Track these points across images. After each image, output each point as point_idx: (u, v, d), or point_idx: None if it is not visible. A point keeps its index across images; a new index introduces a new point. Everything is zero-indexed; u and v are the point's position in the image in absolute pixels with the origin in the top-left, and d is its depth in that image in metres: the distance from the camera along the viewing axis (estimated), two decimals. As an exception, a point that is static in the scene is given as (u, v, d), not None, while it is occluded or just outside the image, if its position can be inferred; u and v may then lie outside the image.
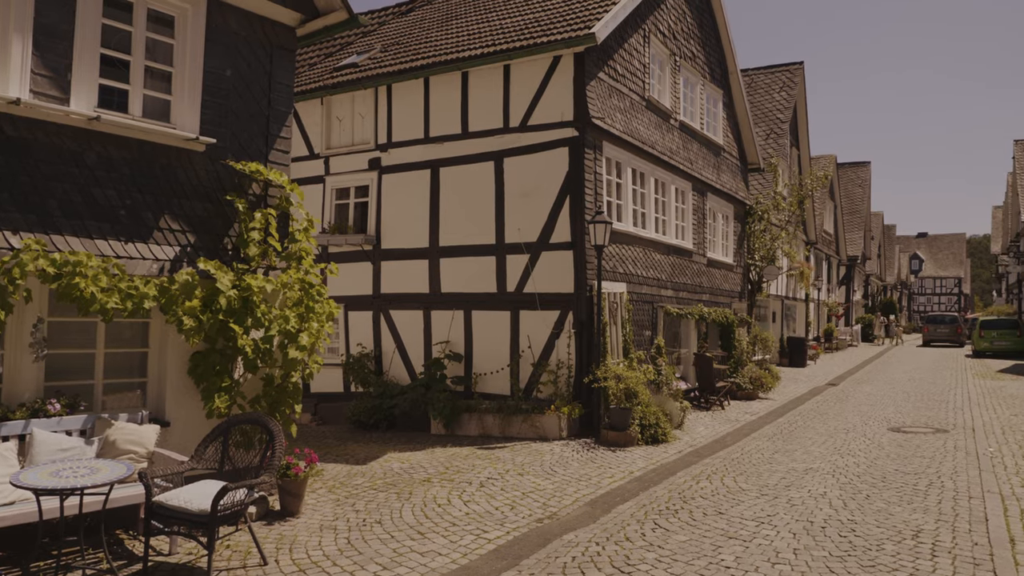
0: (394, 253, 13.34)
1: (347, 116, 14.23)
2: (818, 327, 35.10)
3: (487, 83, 12.46)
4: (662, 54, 14.81)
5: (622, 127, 12.83)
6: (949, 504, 7.43)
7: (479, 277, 12.39)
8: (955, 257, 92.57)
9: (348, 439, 11.51)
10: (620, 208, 13.04)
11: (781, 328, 27.78)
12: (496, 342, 12.22)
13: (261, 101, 7.87)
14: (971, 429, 12.01)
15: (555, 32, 11.94)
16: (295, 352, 7.24)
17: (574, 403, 11.26)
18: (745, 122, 19.36)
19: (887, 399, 16.17)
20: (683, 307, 15.33)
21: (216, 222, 7.40)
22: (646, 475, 8.83)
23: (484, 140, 12.43)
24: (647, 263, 13.97)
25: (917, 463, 9.41)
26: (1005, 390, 17.79)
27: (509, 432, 11.33)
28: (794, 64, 27.87)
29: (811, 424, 12.75)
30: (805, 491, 7.99)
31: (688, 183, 15.95)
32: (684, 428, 12.07)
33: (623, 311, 12.46)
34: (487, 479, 8.59)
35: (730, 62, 18.31)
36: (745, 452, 10.27)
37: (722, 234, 18.60)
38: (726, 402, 14.96)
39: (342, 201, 14.21)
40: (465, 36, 13.75)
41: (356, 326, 13.78)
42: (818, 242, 33.10)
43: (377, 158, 13.66)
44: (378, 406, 12.30)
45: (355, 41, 17.01)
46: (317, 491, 8.01)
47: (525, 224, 11.96)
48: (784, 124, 25.82)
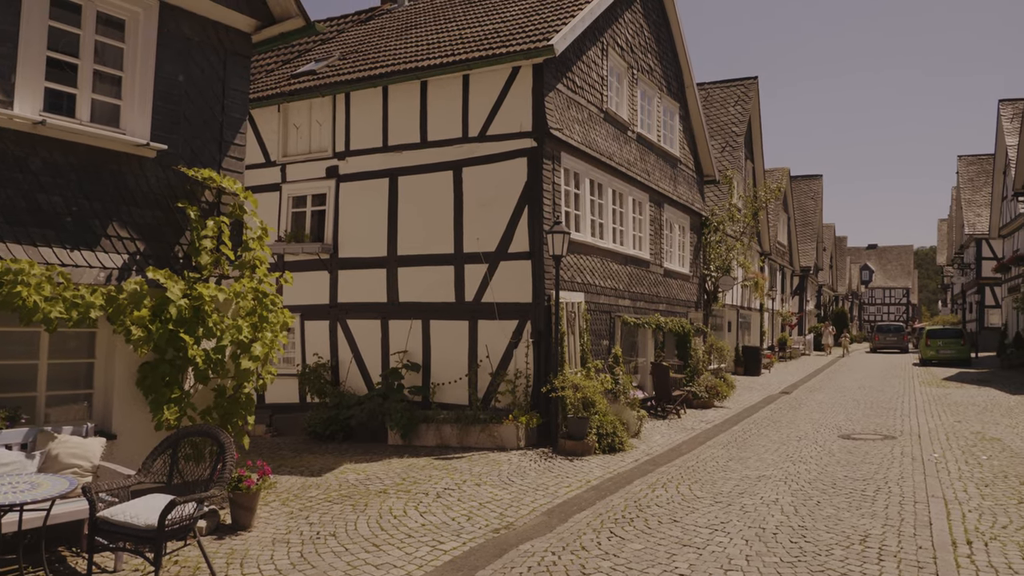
0: (352, 262, 13.23)
1: (304, 124, 14.09)
2: (772, 336, 35.78)
3: (446, 93, 12.47)
4: (620, 67, 15.01)
5: (580, 138, 12.95)
6: (896, 509, 7.61)
7: (437, 286, 12.35)
8: (903, 268, 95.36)
9: (303, 450, 11.34)
10: (578, 218, 13.14)
11: (736, 337, 28.24)
12: (454, 352, 12.18)
13: (215, 107, 7.75)
14: (917, 435, 12.34)
15: (514, 43, 12.02)
16: (248, 362, 7.12)
17: (532, 413, 11.27)
18: (701, 135, 19.70)
19: (838, 407, 16.53)
20: (640, 317, 15.49)
21: (167, 230, 7.25)
22: (603, 484, 8.87)
23: (443, 150, 12.42)
24: (605, 273, 14.09)
25: (866, 469, 9.63)
26: (950, 397, 18.33)
27: (467, 442, 11.29)
28: (748, 79, 28.46)
29: (765, 432, 12.97)
30: (758, 498, 8.12)
31: (645, 194, 16.15)
32: (641, 437, 12.17)
33: (581, 321, 12.54)
34: (444, 490, 8.54)
35: (686, 76, 18.63)
36: (700, 460, 10.39)
37: (679, 245, 18.86)
38: (682, 411, 15.13)
39: (299, 209, 14.05)
40: (424, 45, 13.75)
41: (312, 336, 13.61)
42: (772, 253, 33.79)
43: (335, 166, 13.55)
44: (334, 417, 12.15)
45: (313, 48, 16.88)
46: (270, 504, 7.87)
47: (484, 234, 11.97)
48: (739, 137, 26.34)
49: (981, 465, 9.84)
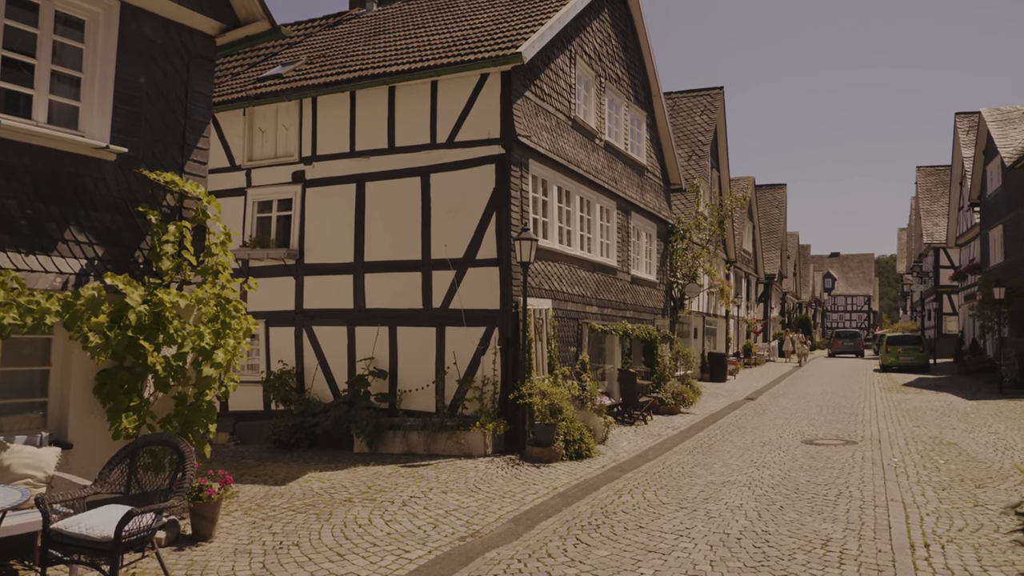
0: (318, 268, 13.10)
1: (270, 128, 13.94)
2: (738, 343, 36.23)
3: (414, 99, 12.43)
4: (588, 75, 15.11)
5: (548, 145, 13.00)
6: (856, 513, 7.74)
7: (405, 293, 12.28)
8: (864, 276, 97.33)
9: (267, 459, 11.18)
10: (546, 225, 13.18)
11: (702, 344, 28.54)
12: (421, 358, 12.11)
13: (177, 110, 7.62)
14: (878, 440, 12.57)
15: (483, 50, 12.03)
16: (210, 370, 7.00)
17: (499, 419, 11.25)
18: (668, 143, 19.91)
19: (801, 412, 16.78)
20: (608, 323, 15.57)
21: (126, 234, 7.11)
22: (569, 491, 8.88)
23: (411, 155, 12.38)
24: (572, 280, 14.14)
25: (828, 474, 9.78)
26: (909, 403, 18.72)
27: (434, 449, 11.22)
28: (714, 89, 28.88)
29: (730, 438, 13.11)
30: (722, 503, 8.19)
31: (613, 202, 16.27)
32: (608, 443, 12.21)
33: (548, 327, 12.56)
34: (410, 498, 8.48)
35: (653, 85, 18.83)
36: (666, 466, 10.46)
37: (646, 252, 19.02)
38: (649, 417, 15.23)
39: (264, 214, 13.88)
40: (393, 51, 13.71)
41: (277, 342, 13.44)
42: (737, 261, 34.24)
43: (301, 171, 13.41)
44: (299, 424, 12.00)
45: (280, 52, 16.72)
46: (232, 514, 7.74)
47: (451, 240, 11.94)
48: (705, 146, 26.68)
49: (939, 469, 10.05)
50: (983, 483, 9.11)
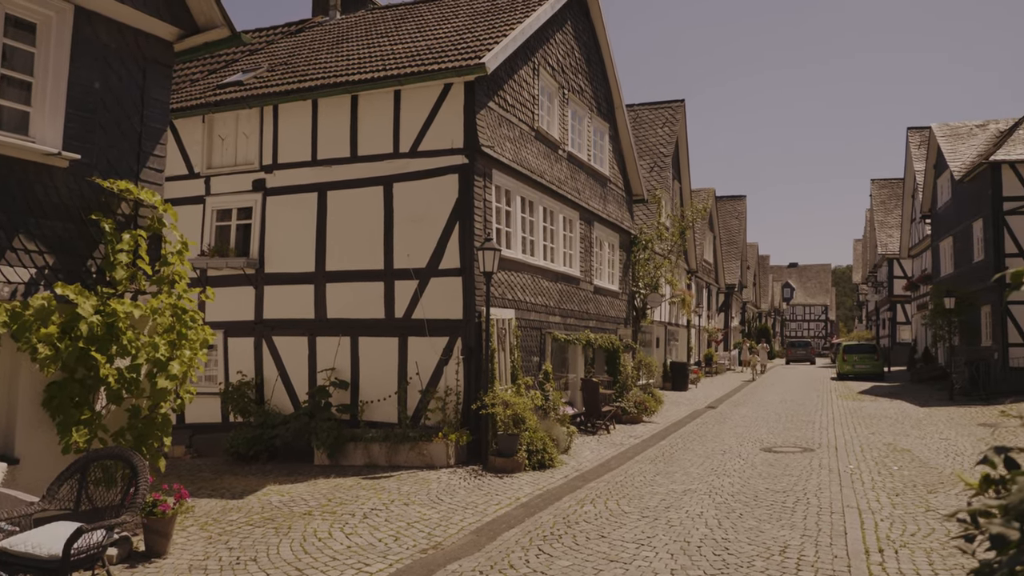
0: (278, 277, 12.93)
1: (230, 135, 13.75)
2: (699, 352, 36.66)
3: (377, 108, 12.38)
4: (551, 86, 15.22)
5: (512, 156, 13.04)
6: (813, 520, 7.87)
7: (367, 303, 12.18)
8: (822, 286, 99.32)
9: (225, 472, 10.96)
10: (509, 235, 13.21)
11: (664, 353, 28.81)
12: (384, 369, 12.02)
13: (133, 117, 7.48)
14: (834, 448, 12.81)
15: (446, 60, 12.04)
16: (165, 382, 6.85)
17: (462, 430, 11.20)
18: (630, 155, 20.13)
19: (761, 421, 17.03)
20: (571, 333, 15.64)
21: (79, 243, 6.93)
22: (532, 501, 8.88)
23: (374, 165, 12.31)
24: (535, 290, 14.18)
25: (786, 481, 9.93)
26: (864, 410, 19.12)
27: (396, 461, 11.12)
28: (676, 101, 29.29)
29: (691, 446, 13.24)
30: (683, 512, 8.26)
31: (576, 212, 16.37)
32: (571, 453, 12.24)
33: (512, 337, 12.57)
34: (371, 510, 8.38)
35: (616, 97, 19.03)
36: (628, 475, 10.52)
37: (608, 262, 19.16)
38: (612, 426, 15.30)
39: (223, 223, 13.66)
40: (356, 59, 13.64)
41: (236, 353, 13.21)
42: (698, 271, 34.70)
43: (262, 179, 13.25)
44: (258, 436, 11.80)
45: (241, 59, 16.53)
46: (187, 529, 7.56)
47: (415, 250, 11.89)
48: (667, 158, 27.02)
49: (892, 475, 10.27)
50: (935, 488, 9.33)
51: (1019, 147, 22.72)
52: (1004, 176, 22.32)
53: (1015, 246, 22.06)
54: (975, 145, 26.53)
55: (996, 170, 22.38)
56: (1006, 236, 22.17)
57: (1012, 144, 22.93)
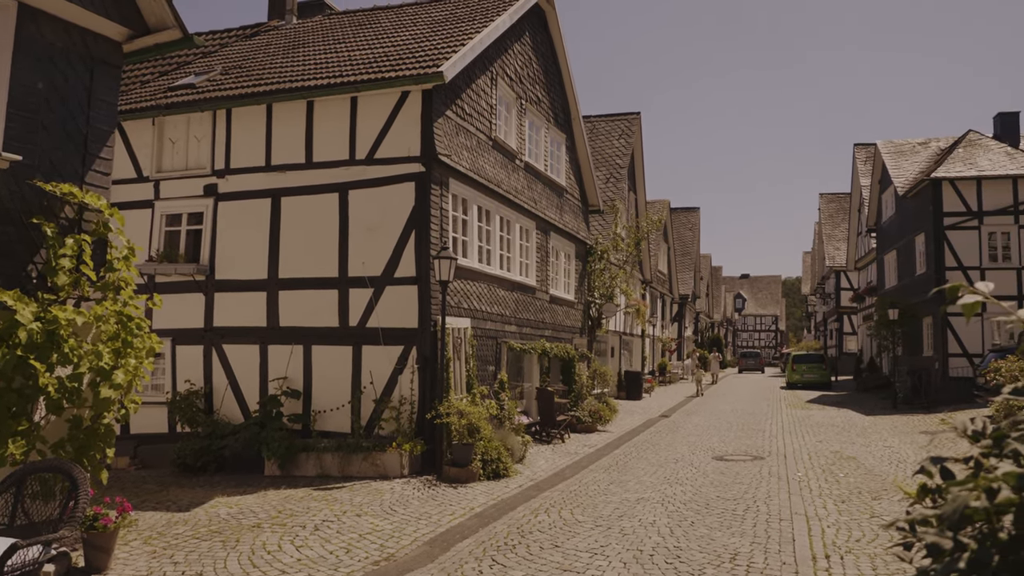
0: (229, 284, 12.68)
1: (182, 139, 13.46)
2: (653, 361, 37.07)
3: (334, 114, 12.27)
4: (509, 96, 15.28)
5: (468, 165, 13.04)
6: (763, 527, 8.00)
7: (321, 311, 12.02)
8: (772, 297, 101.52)
9: (171, 484, 10.67)
10: (466, 244, 13.19)
11: (619, 362, 29.06)
12: (337, 378, 11.86)
13: (79, 118, 7.27)
14: (783, 456, 13.06)
15: (404, 68, 12.00)
16: (108, 391, 6.64)
17: (416, 440, 11.12)
18: (586, 166, 20.31)
19: (713, 429, 17.28)
20: (526, 342, 15.66)
21: (18, 247, 6.70)
22: (486, 511, 8.84)
23: (329, 171, 12.19)
24: (492, 299, 14.18)
25: (736, 489, 10.08)
26: (812, 419, 19.56)
27: (349, 471, 10.97)
28: (632, 114, 29.70)
29: (644, 455, 13.36)
30: (636, 520, 8.32)
31: (532, 222, 16.44)
32: (525, 462, 12.24)
33: (467, 346, 12.53)
34: (322, 522, 8.25)
35: (573, 108, 19.20)
36: (583, 484, 10.56)
37: (564, 272, 19.27)
38: (566, 435, 15.36)
39: (173, 228, 13.35)
40: (312, 65, 13.51)
41: (185, 361, 12.90)
42: (653, 281, 35.14)
43: (213, 184, 12.99)
44: (207, 447, 11.52)
45: (194, 61, 16.22)
46: (130, 543, 7.33)
47: (370, 258, 11.79)
48: (623, 169, 27.35)
49: (839, 482, 10.51)
50: (879, 495, 9.58)
51: (958, 165, 23.60)
52: (944, 192, 23.16)
53: (955, 260, 22.88)
54: (918, 162, 27.47)
55: (937, 186, 23.20)
56: (946, 250, 22.98)
57: (952, 162, 23.81)
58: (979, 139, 25.12)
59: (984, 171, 23.01)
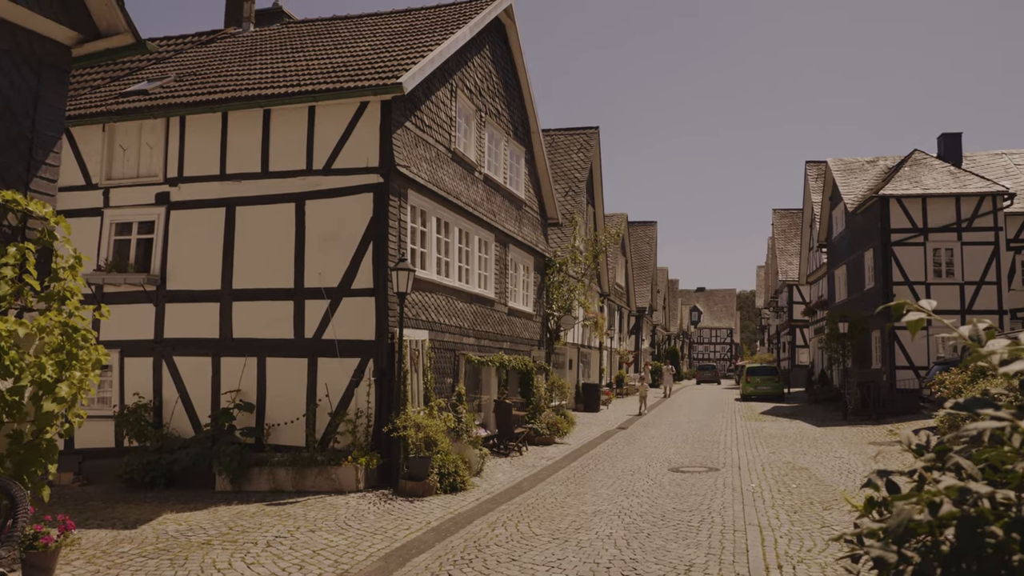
0: (181, 295, 12.40)
1: (133, 146, 13.16)
2: (611, 373, 37.33)
3: (291, 123, 12.13)
4: (468, 109, 15.31)
5: (428, 176, 13.01)
6: (717, 538, 8.08)
7: (276, 322, 11.83)
8: (727, 310, 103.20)
9: (117, 500, 10.35)
10: (424, 256, 13.14)
11: (577, 375, 29.19)
12: (292, 391, 11.67)
13: (23, 123, 7.05)
14: (738, 467, 13.24)
15: (363, 78, 11.94)
16: (51, 405, 6.41)
17: (372, 453, 10.98)
18: (546, 179, 20.44)
19: (669, 441, 17.44)
20: (484, 355, 15.63)
21: (-42, 255, 6.44)
22: (443, 525, 8.77)
23: (285, 181, 12.03)
24: (450, 311, 14.13)
25: (692, 501, 10.18)
26: (766, 431, 19.88)
27: (303, 486, 10.78)
28: (590, 128, 30.00)
29: (601, 467, 13.41)
30: (593, 533, 8.34)
31: (491, 234, 16.46)
32: (483, 475, 12.18)
33: (425, 359, 12.46)
34: (275, 538, 8.08)
35: (532, 122, 19.32)
36: (540, 497, 10.55)
37: (523, 284, 19.32)
38: (524, 448, 15.34)
39: (123, 237, 13.01)
40: (269, 73, 13.35)
41: (133, 373, 12.55)
42: (611, 294, 35.44)
43: (166, 192, 12.72)
44: (155, 462, 11.21)
45: (146, 67, 15.90)
46: (73, 563, 7.08)
47: (326, 269, 11.65)
48: (581, 183, 27.58)
49: (791, 493, 10.70)
50: (830, 505, 9.77)
51: (905, 183, 24.37)
52: (892, 209, 23.88)
53: (902, 275, 23.57)
54: (866, 180, 28.29)
55: (885, 203, 23.91)
56: (893, 266, 23.67)
57: (898, 180, 24.58)
58: (924, 158, 25.98)
59: (929, 189, 23.80)
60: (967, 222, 23.47)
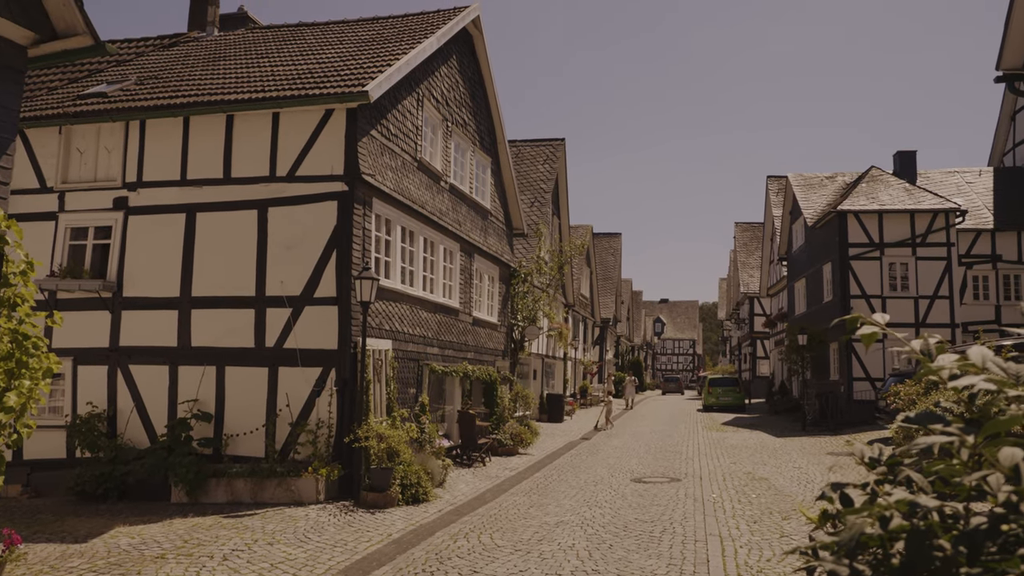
0: (138, 302, 12.14)
1: (91, 149, 12.88)
2: (575, 384, 37.44)
3: (254, 129, 11.98)
4: (435, 118, 15.29)
5: (393, 185, 12.95)
6: (679, 548, 8.13)
7: (236, 331, 11.64)
8: (690, 321, 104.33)
9: (68, 513, 10.05)
10: (388, 265, 13.05)
11: (541, 385, 29.23)
12: (252, 401, 11.48)
13: (-25, 124, 6.85)
14: (699, 477, 13.36)
15: (329, 86, 11.86)
16: (-1, 414, 6.21)
17: (333, 464, 10.84)
18: (511, 189, 20.49)
19: (632, 452, 17.53)
20: (449, 365, 15.56)
21: (-98, 259, 6.22)
22: (405, 537, 8.68)
23: (248, 187, 11.88)
24: (414, 321, 14.05)
25: (654, 511, 10.24)
26: (727, 441, 20.11)
27: (262, 497, 10.59)
28: (556, 140, 30.18)
29: (565, 478, 13.42)
30: (555, 544, 8.33)
31: (456, 244, 16.43)
32: (446, 486, 12.11)
33: (388, 368, 12.36)
34: (232, 551, 7.91)
35: (499, 132, 19.38)
36: (503, 508, 10.51)
37: (488, 294, 19.30)
38: (488, 458, 15.29)
39: (79, 242, 12.70)
40: (233, 79, 13.19)
41: (87, 382, 12.23)
42: (575, 305, 35.60)
43: (124, 197, 12.46)
44: (108, 473, 10.92)
45: (106, 69, 15.59)
46: (19, 578, 6.85)
47: (289, 277, 11.51)
48: (547, 194, 27.70)
49: (751, 503, 10.82)
50: (788, 515, 9.90)
51: (862, 198, 24.95)
52: (849, 224, 24.42)
53: (859, 288, 24.09)
54: (825, 195, 28.90)
55: (843, 218, 24.44)
56: (851, 279, 24.18)
57: (856, 196, 25.15)
58: (880, 175, 26.64)
59: (885, 205, 24.39)
60: (921, 238, 24.09)
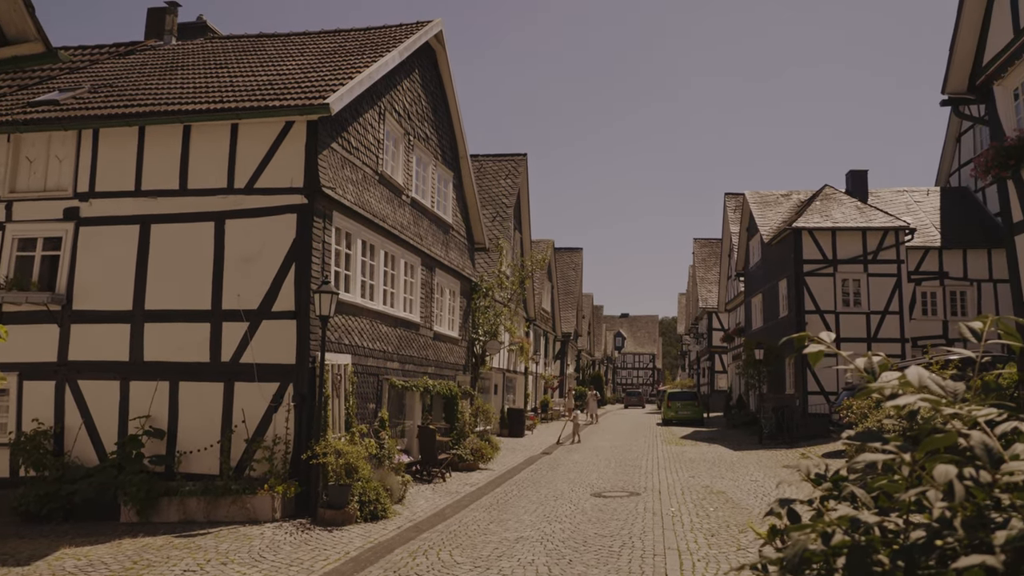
0: (89, 315, 11.82)
1: (41, 158, 12.55)
2: (536, 399, 37.47)
3: (212, 140, 11.82)
4: (397, 132, 15.27)
5: (353, 198, 12.87)
6: (638, 563, 8.16)
7: (190, 345, 11.41)
8: (650, 336, 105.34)
9: (11, 535, 9.70)
10: (348, 279, 12.94)
11: (502, 400, 29.18)
12: (206, 417, 11.24)
13: (-82, 131, 6.63)
14: (658, 491, 13.45)
15: (289, 97, 11.77)
16: (-62, 432, 5.98)
17: (290, 481, 10.66)
18: (473, 204, 20.52)
19: (592, 466, 17.58)
20: (409, 379, 15.46)
21: None
22: (363, 555, 8.56)
23: (205, 199, 11.69)
24: (374, 335, 13.94)
25: (613, 525, 10.27)
26: (686, 455, 20.30)
27: (216, 516, 10.35)
28: (518, 155, 30.36)
29: (525, 493, 13.39)
30: (515, 560, 8.29)
31: (418, 258, 16.37)
32: (405, 503, 11.99)
33: (347, 383, 12.22)
34: (183, 572, 7.71)
35: (461, 147, 19.42)
36: (463, 524, 10.44)
37: (449, 309, 19.25)
38: (448, 474, 15.19)
39: (26, 253, 12.34)
40: (191, 88, 13.00)
41: (33, 398, 11.84)
42: (537, 319, 35.69)
43: (75, 208, 12.16)
44: (54, 492, 10.58)
45: (58, 76, 15.25)
46: (-44, 603, 6.58)
47: (246, 290, 11.34)
48: (509, 208, 27.81)
49: (709, 517, 10.92)
50: (745, 528, 10.02)
51: (816, 216, 25.56)
52: (804, 241, 24.98)
53: (813, 304, 24.62)
54: (781, 212, 29.53)
55: (798, 235, 25.00)
56: (806, 295, 24.70)
57: (810, 213, 25.76)
58: (834, 193, 27.33)
59: (838, 223, 25.02)
60: (872, 255, 24.75)
